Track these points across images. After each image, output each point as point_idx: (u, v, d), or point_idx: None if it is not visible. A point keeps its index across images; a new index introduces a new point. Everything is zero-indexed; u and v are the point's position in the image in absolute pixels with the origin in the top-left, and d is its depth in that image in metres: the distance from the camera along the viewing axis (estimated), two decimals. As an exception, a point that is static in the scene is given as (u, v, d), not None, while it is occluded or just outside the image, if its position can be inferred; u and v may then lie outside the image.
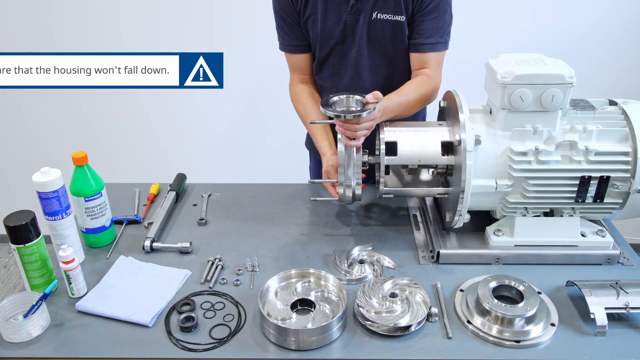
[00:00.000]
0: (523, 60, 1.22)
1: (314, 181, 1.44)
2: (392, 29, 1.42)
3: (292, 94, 1.59)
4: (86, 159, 1.29)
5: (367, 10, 1.40)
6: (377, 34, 1.43)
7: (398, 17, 1.40)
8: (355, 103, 1.25)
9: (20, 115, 2.66)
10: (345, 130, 1.23)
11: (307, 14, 1.46)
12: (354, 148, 1.25)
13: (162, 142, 2.71)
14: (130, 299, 1.17)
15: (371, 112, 1.20)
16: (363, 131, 1.22)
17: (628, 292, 1.08)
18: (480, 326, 1.07)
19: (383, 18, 1.40)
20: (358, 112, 1.18)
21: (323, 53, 1.50)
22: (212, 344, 1.06)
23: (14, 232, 1.13)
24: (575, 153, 1.20)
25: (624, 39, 2.33)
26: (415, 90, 1.41)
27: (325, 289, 1.18)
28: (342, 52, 1.48)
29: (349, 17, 1.42)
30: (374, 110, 1.21)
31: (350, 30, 1.44)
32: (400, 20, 1.40)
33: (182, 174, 1.67)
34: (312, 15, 1.45)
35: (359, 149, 1.27)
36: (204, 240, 1.40)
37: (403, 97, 1.38)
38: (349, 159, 1.27)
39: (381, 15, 1.40)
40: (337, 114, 1.18)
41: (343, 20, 1.43)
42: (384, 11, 1.40)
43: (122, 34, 2.43)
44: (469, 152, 1.17)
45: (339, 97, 1.25)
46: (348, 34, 1.45)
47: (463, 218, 1.24)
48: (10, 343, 1.07)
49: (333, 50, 1.48)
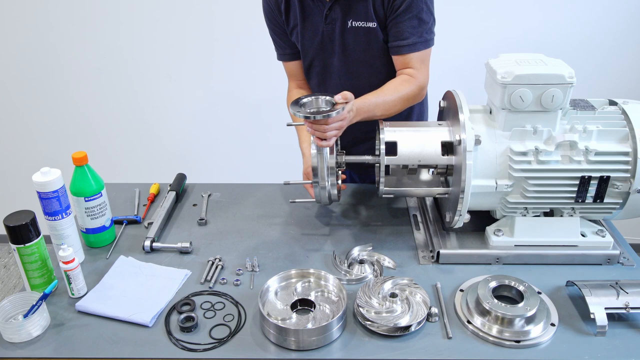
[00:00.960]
0: (523, 60, 1.22)
1: (289, 182, 1.44)
2: (365, 36, 1.44)
3: (288, 99, 1.64)
4: (86, 159, 1.29)
5: (341, 19, 1.43)
6: (352, 42, 1.46)
7: (370, 23, 1.42)
8: (325, 104, 1.26)
9: (20, 116, 2.66)
10: (315, 131, 1.23)
11: (290, 26, 1.50)
12: (326, 149, 1.26)
13: (162, 142, 2.71)
14: (130, 299, 1.17)
15: (340, 113, 1.20)
16: (333, 131, 1.23)
17: (628, 292, 1.08)
18: (480, 326, 1.07)
19: (357, 26, 1.43)
20: (326, 112, 1.19)
21: (307, 62, 1.55)
22: (212, 344, 1.06)
23: (14, 232, 1.13)
24: (575, 153, 1.20)
25: (624, 39, 2.33)
26: (395, 90, 1.41)
27: (325, 289, 1.18)
28: (324, 61, 1.52)
29: (325, 27, 1.45)
30: (343, 110, 1.21)
31: (328, 40, 1.47)
32: (372, 27, 1.42)
33: (182, 174, 1.67)
34: (295, 27, 1.49)
35: (331, 150, 1.27)
36: (204, 240, 1.40)
37: (380, 98, 1.38)
38: (322, 159, 1.27)
39: (355, 22, 1.42)
40: (305, 115, 1.18)
41: (320, 30, 1.46)
42: (357, 19, 1.42)
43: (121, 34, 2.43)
44: (469, 152, 1.17)
45: (310, 98, 1.25)
46: (326, 43, 1.48)
47: (463, 218, 1.24)
48: (10, 343, 1.07)
49: (315, 60, 1.53)
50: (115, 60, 2.50)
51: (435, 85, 1.76)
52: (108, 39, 2.44)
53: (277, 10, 1.49)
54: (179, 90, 2.55)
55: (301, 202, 1.51)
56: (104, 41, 2.45)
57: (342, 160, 1.34)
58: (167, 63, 2.49)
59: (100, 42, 2.45)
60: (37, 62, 2.50)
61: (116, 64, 2.50)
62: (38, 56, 2.49)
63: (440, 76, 2.41)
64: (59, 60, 2.50)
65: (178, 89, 2.55)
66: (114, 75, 2.53)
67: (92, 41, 2.45)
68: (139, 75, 2.53)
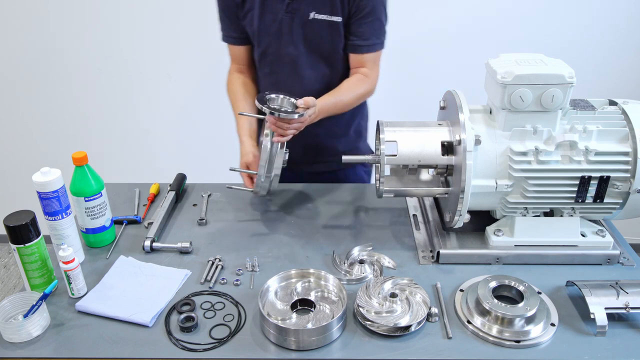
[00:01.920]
0: (523, 60, 1.22)
1: (234, 169, 1.47)
2: (329, 29, 1.46)
3: (228, 81, 1.64)
4: (86, 159, 1.29)
5: (303, 10, 1.43)
6: (315, 34, 1.47)
7: (335, 17, 1.44)
8: (287, 104, 1.37)
9: (20, 116, 2.66)
10: (277, 128, 1.32)
11: (245, 9, 1.49)
12: (279, 144, 1.36)
13: (162, 142, 2.71)
14: (130, 299, 1.17)
15: (302, 116, 1.31)
16: (292, 130, 1.34)
17: (628, 292, 1.08)
18: (480, 326, 1.07)
19: (320, 18, 1.44)
20: (292, 112, 1.31)
21: (260, 49, 1.53)
22: (212, 344, 1.06)
23: (14, 232, 1.13)
24: (575, 153, 1.20)
25: (625, 39, 2.33)
26: (352, 90, 1.51)
27: (325, 289, 1.18)
28: (279, 49, 1.51)
29: (285, 16, 1.45)
30: (304, 115, 1.31)
31: (286, 29, 1.47)
32: (336, 21, 1.44)
33: (182, 174, 1.67)
34: (250, 11, 1.48)
35: (283, 145, 1.37)
36: (204, 240, 1.40)
37: (339, 97, 1.48)
38: (277, 153, 1.37)
39: (318, 15, 1.44)
40: (273, 111, 1.28)
41: (279, 18, 1.46)
42: (321, 11, 1.44)
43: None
44: (469, 152, 1.17)
45: (275, 96, 1.37)
46: (284, 33, 1.48)
47: (463, 218, 1.24)
48: (10, 343, 1.07)
49: (270, 48, 1.52)
50: (115, 60, 2.50)
51: (435, 85, 1.77)
52: (108, 38, 2.44)
53: None
54: (179, 90, 2.55)
55: (238, 188, 1.50)
56: (104, 41, 2.45)
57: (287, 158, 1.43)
58: (167, 63, 2.49)
59: (100, 42, 2.46)
60: (37, 62, 2.51)
61: (116, 63, 2.51)
62: (38, 56, 2.49)
63: (440, 76, 2.42)
64: (59, 60, 2.50)
65: (178, 89, 2.55)
66: (114, 75, 2.53)
67: (92, 41, 2.45)
68: (139, 75, 2.53)
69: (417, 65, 2.44)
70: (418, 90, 2.46)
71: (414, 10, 2.32)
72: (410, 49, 2.41)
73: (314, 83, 1.54)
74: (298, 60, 1.51)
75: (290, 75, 1.53)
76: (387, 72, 2.45)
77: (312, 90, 1.54)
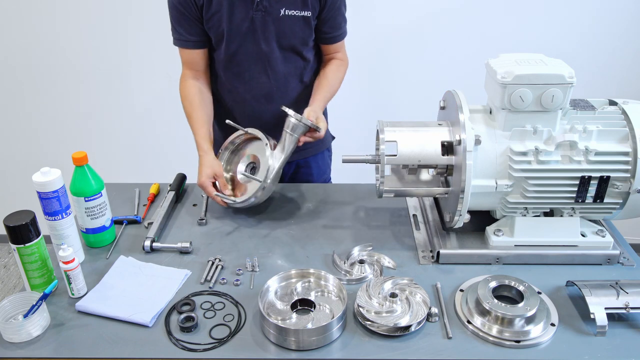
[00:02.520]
0: (523, 60, 1.22)
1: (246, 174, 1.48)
2: (300, 24, 1.49)
3: (182, 88, 1.60)
4: (86, 159, 1.29)
5: (274, 7, 1.46)
6: (286, 30, 1.49)
7: (305, 12, 1.48)
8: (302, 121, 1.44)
9: (20, 115, 2.66)
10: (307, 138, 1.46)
11: (211, 11, 1.47)
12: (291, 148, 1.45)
13: (162, 142, 2.71)
14: (130, 299, 1.17)
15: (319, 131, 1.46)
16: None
17: (628, 292, 1.08)
18: (480, 326, 1.07)
19: (291, 14, 1.47)
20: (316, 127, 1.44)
21: (231, 49, 1.52)
22: (212, 344, 1.06)
23: (14, 232, 1.13)
24: (575, 153, 1.20)
25: (625, 39, 2.33)
26: (338, 79, 1.64)
27: (325, 289, 1.18)
28: (251, 47, 1.52)
29: (255, 13, 1.46)
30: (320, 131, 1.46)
31: (258, 26, 1.48)
32: (307, 16, 1.48)
33: (182, 174, 1.67)
34: (217, 12, 1.47)
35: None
36: (204, 240, 1.40)
37: (330, 92, 1.60)
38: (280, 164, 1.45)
39: (289, 11, 1.47)
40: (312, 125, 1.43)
41: (249, 16, 1.46)
42: (292, 7, 1.47)
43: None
44: (469, 152, 1.17)
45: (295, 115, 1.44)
46: (256, 30, 1.49)
47: (463, 218, 1.24)
48: (10, 343, 1.07)
49: (241, 47, 1.52)
50: (115, 60, 2.50)
51: (435, 85, 1.76)
52: (108, 38, 2.44)
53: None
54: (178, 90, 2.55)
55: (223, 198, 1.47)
56: (104, 41, 2.45)
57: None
58: (167, 63, 2.49)
59: (100, 42, 2.45)
60: (37, 62, 2.50)
61: (116, 63, 2.50)
62: (38, 56, 2.49)
63: (440, 76, 2.42)
64: (59, 60, 2.50)
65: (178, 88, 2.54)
66: (114, 75, 2.53)
67: (92, 41, 2.45)
68: (139, 75, 2.53)
69: (417, 65, 2.44)
70: (418, 90, 2.46)
71: (414, 10, 2.32)
72: (410, 49, 2.41)
73: (287, 77, 1.58)
74: (270, 57, 1.53)
75: (262, 72, 1.55)
76: (387, 72, 2.46)
77: (286, 84, 1.58)
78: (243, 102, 1.62)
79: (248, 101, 1.61)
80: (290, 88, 1.60)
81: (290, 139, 1.43)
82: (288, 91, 1.61)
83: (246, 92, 1.60)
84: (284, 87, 1.59)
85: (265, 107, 1.61)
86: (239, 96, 1.62)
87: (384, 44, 2.40)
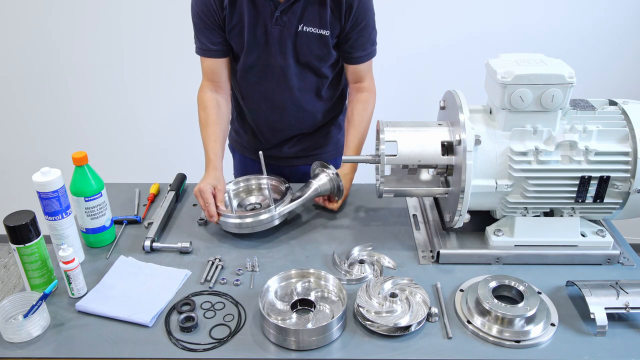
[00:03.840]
0: (523, 60, 1.22)
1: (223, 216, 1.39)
2: (317, 41, 1.48)
3: (201, 100, 1.59)
4: (86, 159, 1.29)
5: (292, 23, 1.46)
6: (303, 46, 1.49)
7: (323, 31, 1.47)
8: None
9: (20, 115, 2.66)
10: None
11: (232, 23, 1.48)
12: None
13: (162, 142, 2.71)
14: (130, 299, 1.17)
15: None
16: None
17: (628, 292, 1.08)
18: (480, 326, 1.07)
19: (309, 31, 1.47)
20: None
21: (249, 61, 1.54)
22: (212, 344, 1.06)
23: (14, 232, 1.13)
24: (575, 153, 1.20)
25: (625, 38, 2.33)
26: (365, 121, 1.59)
27: (325, 289, 1.18)
28: (268, 60, 1.52)
29: (274, 28, 1.47)
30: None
31: (275, 41, 1.49)
32: (325, 34, 1.47)
33: (182, 174, 1.67)
34: (237, 24, 1.48)
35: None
36: (204, 240, 1.40)
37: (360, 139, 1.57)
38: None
39: (307, 28, 1.47)
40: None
41: (269, 31, 1.47)
42: (310, 25, 1.46)
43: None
44: (469, 152, 1.17)
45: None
46: (273, 44, 1.49)
47: (463, 218, 1.24)
48: (10, 343, 1.07)
49: (259, 59, 1.53)
50: (115, 60, 2.50)
51: (435, 85, 1.76)
52: (108, 38, 2.44)
53: (218, 5, 1.46)
54: (178, 90, 2.55)
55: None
56: (104, 41, 2.45)
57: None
58: (167, 63, 2.49)
59: (100, 42, 2.45)
60: (37, 61, 2.51)
61: (116, 63, 2.50)
62: (38, 56, 2.49)
63: (440, 76, 2.42)
64: (59, 60, 2.50)
65: (178, 89, 2.55)
66: (114, 75, 2.53)
67: (92, 41, 2.45)
68: (139, 75, 2.53)
69: (417, 65, 2.44)
70: (418, 90, 2.46)
71: (414, 11, 2.32)
72: (410, 49, 2.41)
73: (302, 92, 1.58)
74: (287, 71, 1.53)
75: (278, 85, 1.56)
76: (388, 72, 2.46)
77: (301, 98, 1.58)
78: (257, 110, 1.64)
79: (262, 110, 1.63)
80: (306, 102, 1.60)
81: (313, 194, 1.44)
82: (303, 104, 1.60)
83: (261, 101, 1.61)
84: (298, 101, 1.59)
85: (278, 118, 1.63)
86: (254, 104, 1.64)
87: (384, 44, 2.39)
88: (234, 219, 1.35)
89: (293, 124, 1.65)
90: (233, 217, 1.36)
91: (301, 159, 1.75)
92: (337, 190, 1.46)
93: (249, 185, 1.56)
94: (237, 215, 1.36)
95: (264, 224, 1.36)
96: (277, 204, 1.37)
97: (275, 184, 1.52)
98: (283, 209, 1.38)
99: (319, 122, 1.68)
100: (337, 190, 1.46)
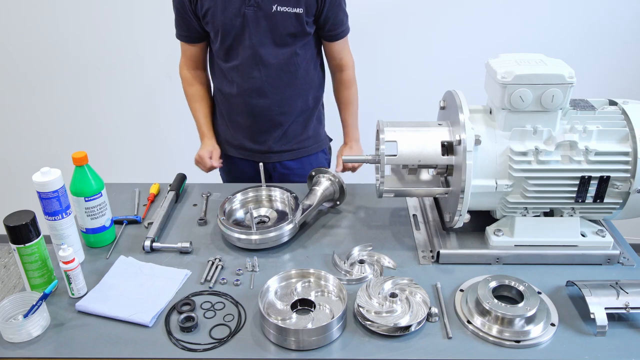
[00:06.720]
0: (523, 60, 1.22)
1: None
2: (291, 20, 1.52)
3: (185, 76, 1.75)
4: (86, 159, 1.29)
5: (265, 3, 1.49)
6: (278, 25, 1.53)
7: (297, 9, 1.51)
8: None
9: (21, 115, 2.66)
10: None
11: (205, 8, 1.53)
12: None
13: (162, 142, 2.71)
14: (130, 299, 1.17)
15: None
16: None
17: (628, 292, 1.08)
18: (480, 326, 1.07)
19: (283, 10, 1.50)
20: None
21: (226, 44, 1.58)
22: (212, 344, 1.06)
23: (14, 232, 1.13)
24: (575, 153, 1.20)
25: (624, 39, 2.33)
26: (354, 97, 1.76)
27: (325, 289, 1.18)
28: (244, 42, 1.56)
29: (247, 9, 1.50)
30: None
31: (251, 22, 1.52)
32: (299, 12, 1.51)
33: (182, 174, 1.67)
34: (210, 8, 1.52)
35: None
36: (204, 240, 1.40)
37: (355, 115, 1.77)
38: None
39: (281, 7, 1.50)
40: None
41: (242, 12, 1.50)
42: (284, 4, 1.50)
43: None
44: (469, 152, 1.17)
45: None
46: (249, 25, 1.53)
47: (463, 218, 1.24)
48: (10, 343, 1.07)
49: (235, 41, 1.57)
50: (115, 60, 2.50)
51: (435, 85, 1.76)
52: (108, 38, 2.44)
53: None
54: (179, 90, 2.55)
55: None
56: (104, 41, 2.45)
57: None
58: (167, 63, 2.49)
59: (100, 42, 2.45)
60: (37, 61, 2.50)
61: (116, 63, 2.50)
62: (38, 56, 2.49)
63: (440, 76, 2.42)
64: (59, 60, 2.50)
65: (178, 89, 2.54)
66: (114, 75, 2.53)
67: (92, 41, 2.45)
68: (139, 75, 2.53)
69: (417, 65, 2.44)
70: (418, 90, 2.46)
71: (414, 10, 2.32)
72: (410, 49, 2.41)
73: (278, 72, 1.61)
74: (263, 51, 1.56)
75: (256, 65, 1.59)
76: (388, 72, 2.46)
77: (277, 79, 1.62)
78: (237, 95, 1.67)
79: (241, 95, 1.66)
80: (283, 83, 1.63)
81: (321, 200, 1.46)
82: (280, 86, 1.64)
83: (240, 84, 1.64)
84: (275, 82, 1.62)
85: (257, 101, 1.66)
86: (232, 88, 1.66)
87: (384, 44, 2.40)
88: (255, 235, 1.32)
89: (272, 107, 1.67)
90: (255, 233, 1.32)
91: (285, 153, 1.78)
92: (340, 189, 1.49)
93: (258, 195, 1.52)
94: (258, 232, 1.32)
95: (285, 236, 1.35)
96: (294, 216, 1.36)
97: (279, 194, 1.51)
98: (301, 219, 1.38)
99: (297, 108, 1.70)
100: (340, 191, 1.49)
